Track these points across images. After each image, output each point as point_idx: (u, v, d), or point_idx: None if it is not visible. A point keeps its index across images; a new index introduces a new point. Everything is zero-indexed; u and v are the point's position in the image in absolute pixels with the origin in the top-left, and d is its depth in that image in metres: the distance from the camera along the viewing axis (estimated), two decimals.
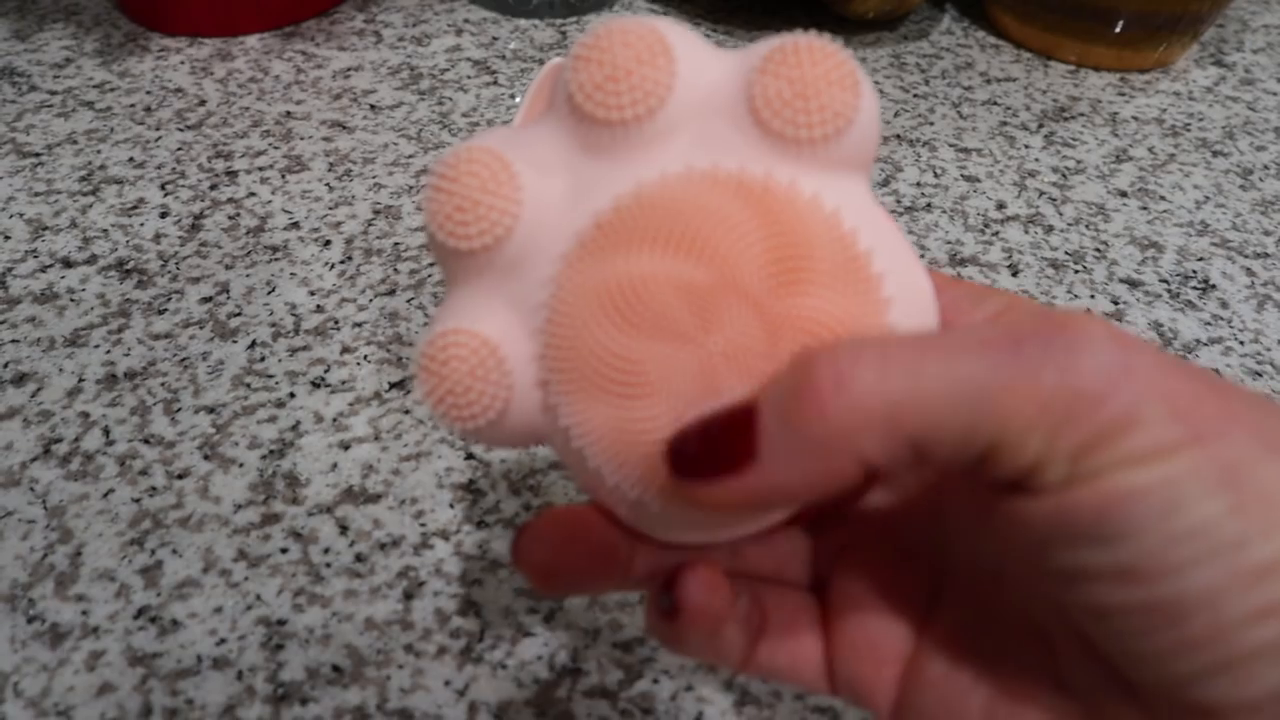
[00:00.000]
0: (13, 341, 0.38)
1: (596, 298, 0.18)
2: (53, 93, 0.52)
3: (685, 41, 0.19)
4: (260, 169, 0.47)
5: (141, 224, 0.44)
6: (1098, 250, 0.45)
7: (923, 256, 0.44)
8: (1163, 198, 0.49)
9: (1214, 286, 0.44)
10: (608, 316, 0.18)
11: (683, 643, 0.20)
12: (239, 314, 0.39)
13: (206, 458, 0.34)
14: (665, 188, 0.18)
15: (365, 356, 0.38)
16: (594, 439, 0.18)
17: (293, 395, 0.36)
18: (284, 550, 0.31)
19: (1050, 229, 0.46)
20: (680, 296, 0.18)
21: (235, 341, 0.38)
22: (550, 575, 0.20)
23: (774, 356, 0.17)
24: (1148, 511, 0.14)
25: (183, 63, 0.55)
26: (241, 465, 0.34)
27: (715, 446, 0.17)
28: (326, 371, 0.37)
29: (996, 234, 0.46)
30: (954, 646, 0.20)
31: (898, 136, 0.52)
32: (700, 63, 0.19)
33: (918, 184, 0.48)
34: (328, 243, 0.43)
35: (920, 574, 0.21)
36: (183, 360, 0.37)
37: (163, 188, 0.46)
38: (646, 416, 0.18)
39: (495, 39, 0.58)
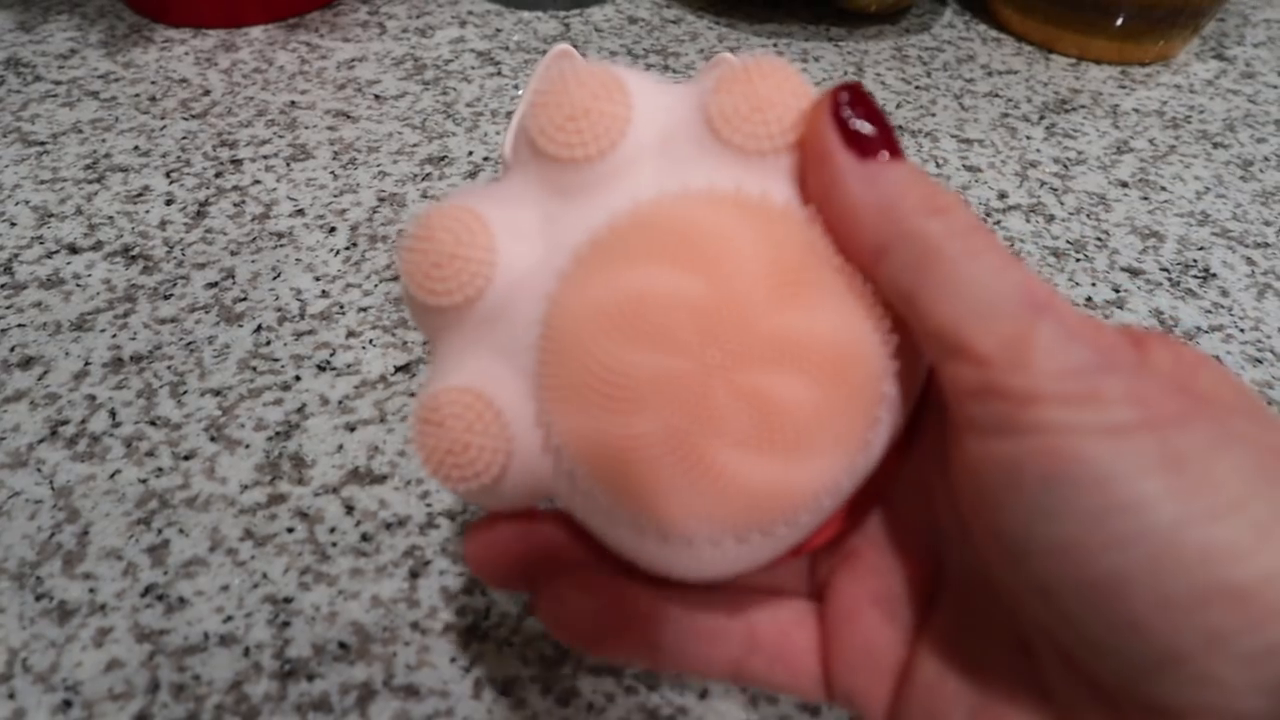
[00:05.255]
0: (19, 326, 0.38)
1: (594, 311, 0.18)
2: (58, 83, 0.52)
3: (637, 77, 0.19)
4: (265, 157, 0.47)
5: (147, 211, 0.44)
6: (1099, 239, 0.46)
7: None
8: (1163, 188, 0.49)
9: (1214, 275, 0.44)
10: (605, 329, 0.18)
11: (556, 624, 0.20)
12: (244, 299, 0.40)
13: (213, 439, 0.34)
14: (661, 206, 0.18)
15: (370, 341, 0.38)
16: (584, 454, 0.18)
17: (298, 378, 0.36)
18: (290, 530, 0.32)
19: (1052, 218, 0.47)
20: (681, 310, 0.17)
21: (241, 326, 0.38)
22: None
23: (771, 371, 0.17)
24: (1087, 479, 0.15)
25: (187, 53, 0.55)
26: (248, 447, 0.34)
27: (882, 125, 0.18)
28: (332, 355, 0.37)
29: (998, 223, 0.46)
30: (942, 654, 0.20)
31: (900, 127, 0.52)
32: (655, 94, 0.19)
33: None
34: (333, 229, 0.43)
35: (916, 584, 0.21)
36: (189, 344, 0.38)
37: (168, 175, 0.46)
38: (636, 431, 0.18)
39: (499, 30, 0.58)
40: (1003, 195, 0.48)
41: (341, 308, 0.39)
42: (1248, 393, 0.17)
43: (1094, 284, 0.43)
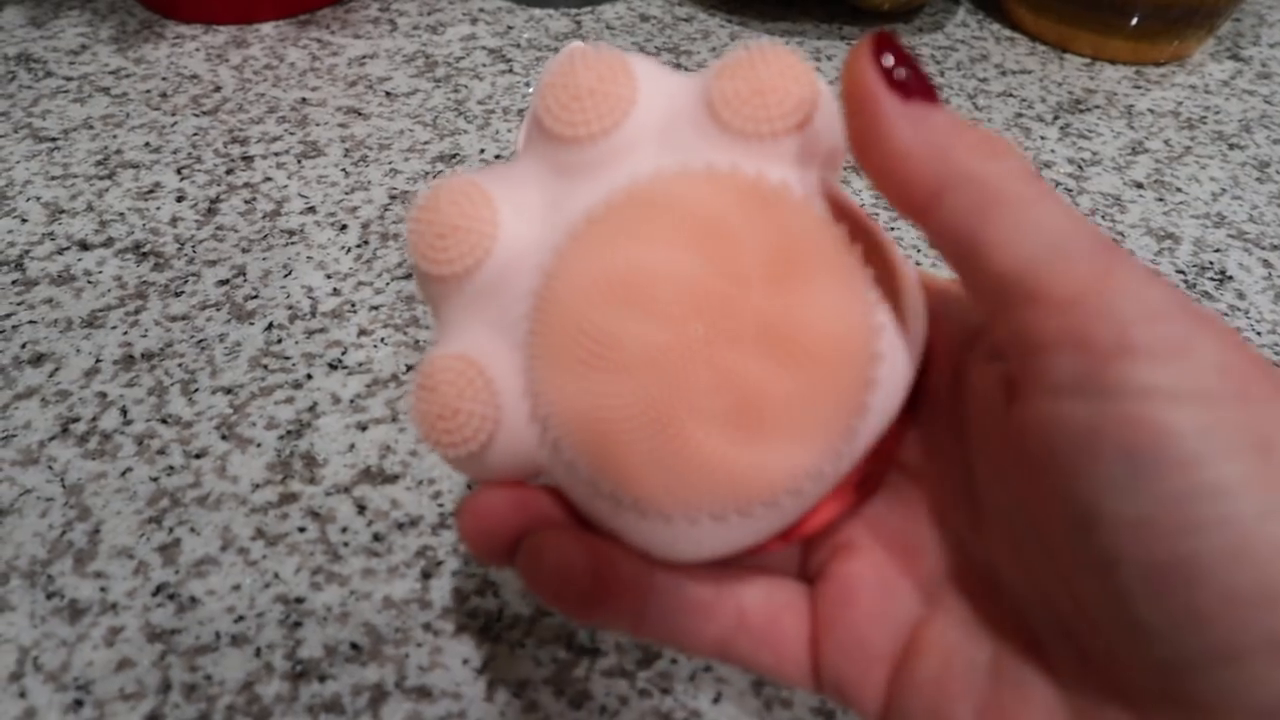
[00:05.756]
0: (30, 322, 0.38)
1: (584, 282, 0.18)
2: (69, 78, 0.52)
3: (645, 63, 0.20)
4: (276, 154, 0.47)
5: (158, 208, 0.44)
6: (1114, 241, 0.45)
7: None
8: (1179, 189, 0.49)
9: (1231, 278, 0.44)
10: (593, 300, 0.18)
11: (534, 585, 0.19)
12: (256, 296, 0.39)
13: (224, 438, 0.34)
14: (657, 184, 0.18)
15: (382, 339, 0.38)
16: (567, 423, 0.18)
17: (310, 377, 0.36)
18: (302, 529, 0.31)
19: None
20: (668, 284, 0.18)
21: (252, 324, 0.38)
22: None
23: (751, 354, 0.17)
24: (1177, 454, 0.14)
25: (198, 49, 0.55)
26: (259, 445, 0.34)
27: (919, 73, 0.17)
28: (343, 354, 0.37)
29: None
30: (945, 650, 0.19)
31: None
32: (660, 79, 0.20)
33: None
34: (344, 227, 0.43)
35: (915, 575, 0.20)
36: (200, 342, 0.37)
37: (179, 172, 0.46)
38: (615, 394, 0.18)
39: (510, 28, 0.58)
40: None
41: (353, 306, 0.39)
42: None
43: None
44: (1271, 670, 0.14)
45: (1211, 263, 0.44)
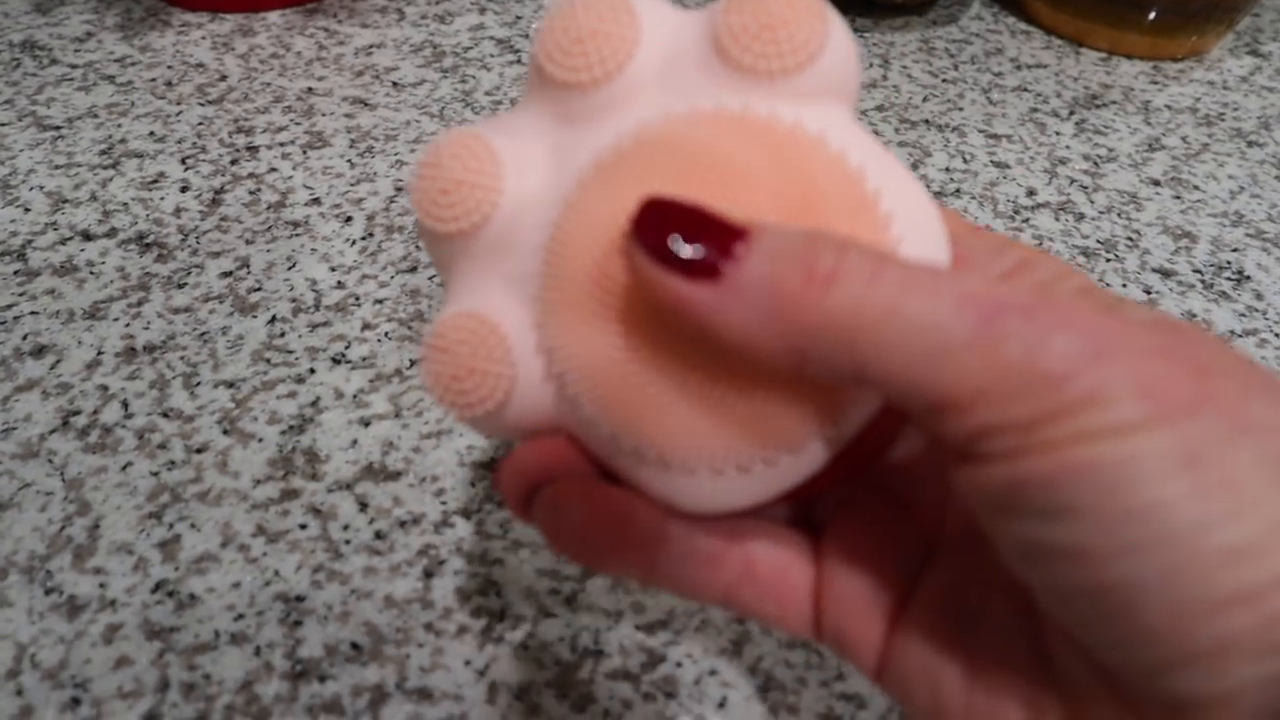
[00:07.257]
0: (32, 313, 0.38)
1: (594, 231, 0.17)
2: (73, 66, 0.52)
3: (648, 1, 0.19)
4: (281, 144, 0.47)
5: (162, 198, 0.43)
6: (1130, 239, 0.45)
7: None
8: (1196, 187, 0.48)
9: (1249, 278, 0.43)
10: (604, 248, 0.17)
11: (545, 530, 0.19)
12: (259, 289, 0.39)
13: (226, 432, 0.34)
14: (667, 127, 0.18)
15: (386, 333, 0.37)
16: (584, 378, 0.18)
17: (313, 371, 0.36)
18: (303, 526, 0.31)
19: (1081, 217, 0.46)
20: None
21: (255, 316, 0.38)
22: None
23: None
24: (1099, 486, 0.14)
25: (204, 38, 0.54)
26: (261, 440, 0.33)
27: (689, 238, 0.16)
28: (347, 348, 0.37)
29: (1027, 221, 0.45)
30: (941, 608, 0.19)
31: (926, 121, 0.51)
32: (663, 16, 0.19)
33: (946, 169, 0.48)
34: (349, 219, 0.42)
35: (918, 531, 0.20)
36: (202, 334, 0.37)
37: (183, 162, 0.45)
38: (631, 345, 0.17)
39: (519, 18, 0.57)
40: (1031, 192, 0.47)
41: (357, 299, 0.39)
42: (1239, 355, 0.15)
43: (1125, 285, 0.42)
44: (1228, 666, 0.14)
45: (1229, 262, 0.44)
